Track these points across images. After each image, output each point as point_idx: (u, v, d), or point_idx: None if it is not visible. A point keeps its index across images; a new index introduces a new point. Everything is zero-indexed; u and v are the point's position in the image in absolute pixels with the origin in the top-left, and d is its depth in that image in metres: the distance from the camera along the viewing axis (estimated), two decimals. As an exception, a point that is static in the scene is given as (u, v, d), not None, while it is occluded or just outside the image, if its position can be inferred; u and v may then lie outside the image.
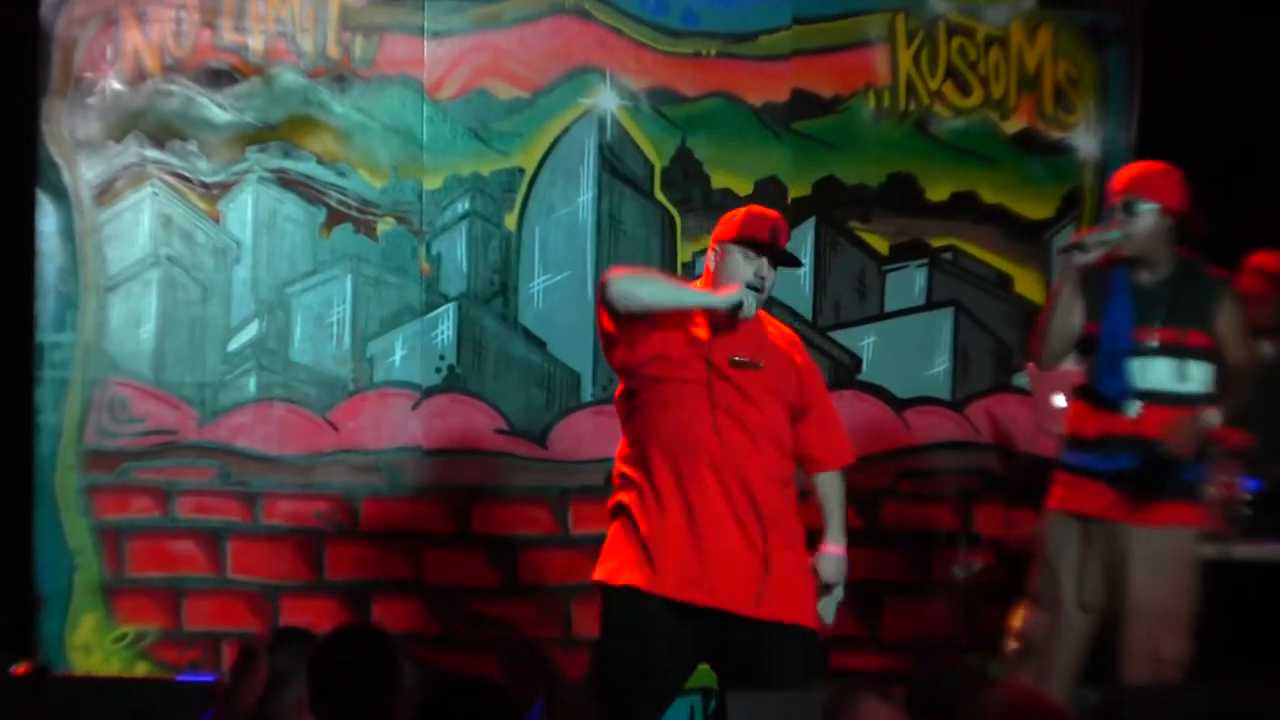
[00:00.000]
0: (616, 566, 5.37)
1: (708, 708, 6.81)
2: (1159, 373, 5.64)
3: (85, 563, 6.99)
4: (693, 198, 7.23)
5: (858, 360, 7.28)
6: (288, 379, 7.11)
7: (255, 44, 7.11)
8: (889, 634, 7.22)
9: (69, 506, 6.98)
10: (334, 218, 7.12)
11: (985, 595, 6.93)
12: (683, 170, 7.22)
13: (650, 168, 7.23)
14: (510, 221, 7.19)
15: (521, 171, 7.19)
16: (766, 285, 5.37)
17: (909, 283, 7.33)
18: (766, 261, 5.36)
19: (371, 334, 7.14)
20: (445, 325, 7.16)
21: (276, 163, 7.11)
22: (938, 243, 7.32)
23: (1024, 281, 7.36)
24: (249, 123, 7.10)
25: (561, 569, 7.06)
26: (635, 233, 7.21)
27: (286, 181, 7.11)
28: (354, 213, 7.13)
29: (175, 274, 7.08)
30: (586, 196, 7.21)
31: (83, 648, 6.94)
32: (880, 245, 7.33)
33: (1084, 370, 5.77)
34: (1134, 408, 5.62)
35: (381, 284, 7.15)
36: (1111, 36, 7.38)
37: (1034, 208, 7.36)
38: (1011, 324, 7.32)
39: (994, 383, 7.34)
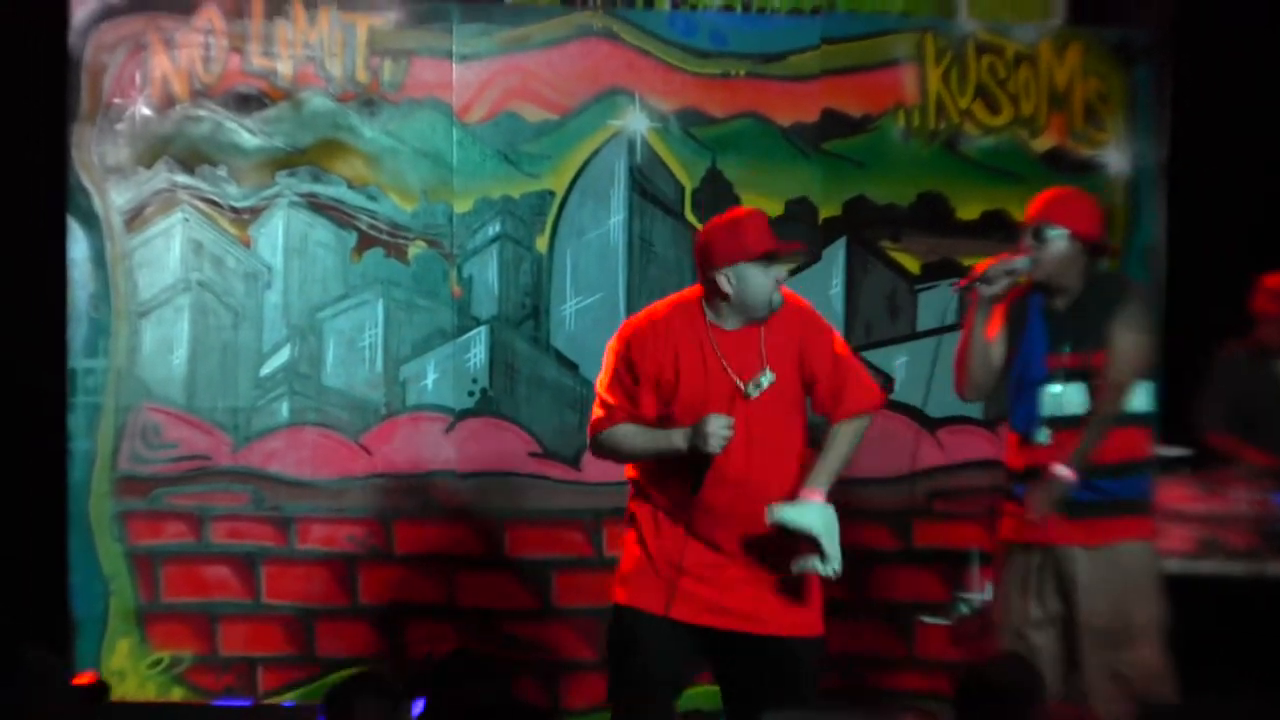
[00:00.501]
0: (632, 590, 5.38)
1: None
2: (1072, 398, 5.62)
3: (119, 588, 6.99)
4: (723, 219, 7.22)
5: (890, 380, 7.26)
6: (320, 403, 7.10)
7: (284, 69, 7.11)
8: (925, 653, 7.19)
9: (103, 532, 6.98)
10: (365, 242, 7.12)
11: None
12: (713, 191, 7.20)
13: (680, 189, 7.23)
14: (541, 244, 7.18)
15: (552, 194, 7.19)
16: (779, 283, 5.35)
17: (941, 302, 7.32)
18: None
19: (404, 358, 7.14)
20: (477, 348, 7.16)
21: (306, 187, 7.11)
22: (969, 262, 7.27)
23: (1055, 299, 7.34)
24: (278, 147, 7.10)
25: (596, 591, 6.97)
26: (666, 254, 7.20)
27: (317, 206, 7.11)
28: (385, 236, 7.13)
29: (206, 299, 7.08)
30: (617, 219, 7.21)
31: (118, 673, 6.92)
32: (911, 265, 7.33)
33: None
34: (1044, 435, 5.62)
35: (413, 307, 7.15)
36: (1140, 53, 7.37)
37: (1065, 226, 7.34)
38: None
39: (1027, 401, 7.33)
